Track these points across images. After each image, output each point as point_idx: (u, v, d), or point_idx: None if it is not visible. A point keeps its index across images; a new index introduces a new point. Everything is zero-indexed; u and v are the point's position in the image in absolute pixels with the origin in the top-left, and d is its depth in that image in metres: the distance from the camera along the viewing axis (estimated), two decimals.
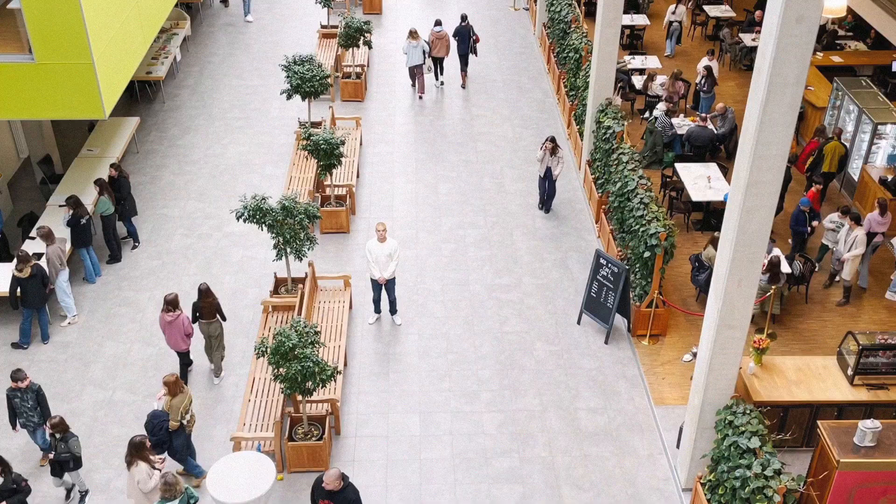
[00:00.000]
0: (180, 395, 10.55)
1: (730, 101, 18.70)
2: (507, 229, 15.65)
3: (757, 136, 8.67)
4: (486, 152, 17.93)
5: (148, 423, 10.58)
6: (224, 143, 18.02)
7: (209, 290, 12.12)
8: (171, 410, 10.55)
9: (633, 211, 13.35)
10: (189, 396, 10.67)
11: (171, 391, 10.55)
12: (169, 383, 10.52)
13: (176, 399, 10.53)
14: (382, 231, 12.75)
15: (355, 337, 13.29)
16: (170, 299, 11.69)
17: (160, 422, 10.53)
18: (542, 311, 13.80)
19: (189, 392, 10.72)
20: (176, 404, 10.53)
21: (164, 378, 10.57)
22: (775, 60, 8.28)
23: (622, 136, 14.90)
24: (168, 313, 11.84)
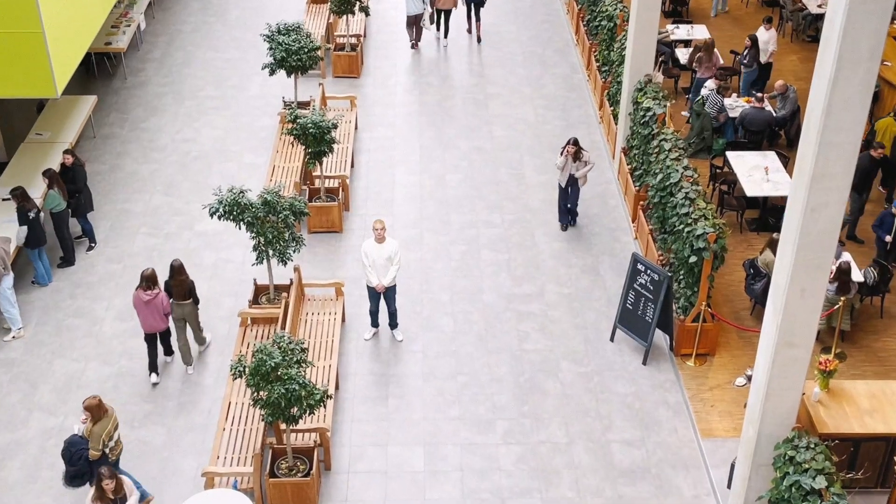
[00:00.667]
0: (103, 421, 10.56)
1: (791, 79, 18.65)
2: (528, 229, 15.64)
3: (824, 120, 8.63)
4: (503, 138, 17.93)
5: (65, 452, 10.59)
6: (196, 127, 18.06)
7: (182, 268, 12.51)
8: (91, 438, 10.55)
9: (676, 208, 13.33)
10: (114, 421, 10.69)
11: (93, 416, 10.56)
12: (91, 407, 10.51)
13: (98, 426, 10.54)
14: (381, 230, 12.76)
15: (349, 355, 13.30)
16: (148, 275, 12.19)
17: (79, 450, 10.53)
18: (569, 326, 13.79)
19: (114, 416, 10.74)
20: (97, 431, 10.53)
21: (86, 402, 10.57)
22: (846, 31, 8.23)
23: (664, 120, 14.89)
24: (146, 291, 12.25)
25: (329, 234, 15.47)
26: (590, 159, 14.90)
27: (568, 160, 14.70)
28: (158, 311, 12.39)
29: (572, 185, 14.95)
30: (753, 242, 15.13)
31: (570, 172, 14.76)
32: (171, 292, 12.56)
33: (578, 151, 14.72)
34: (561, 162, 14.79)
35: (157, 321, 12.47)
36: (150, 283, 12.25)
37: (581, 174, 14.79)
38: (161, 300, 12.36)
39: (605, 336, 13.60)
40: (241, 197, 12.41)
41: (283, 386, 10.25)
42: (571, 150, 14.65)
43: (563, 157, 14.74)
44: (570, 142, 14.73)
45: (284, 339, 10.53)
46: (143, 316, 12.41)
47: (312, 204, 15.20)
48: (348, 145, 16.87)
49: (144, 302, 12.31)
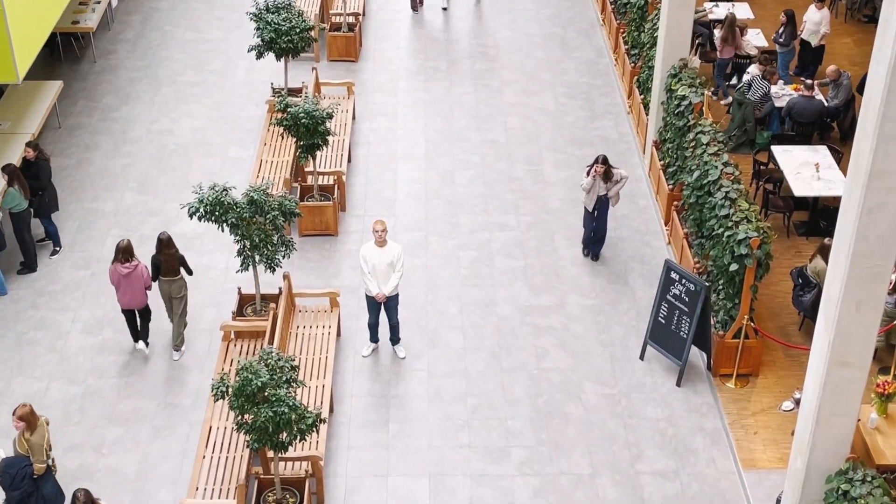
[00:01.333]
0: (39, 429, 10.55)
1: (845, 64, 18.62)
2: (547, 232, 15.64)
3: (883, 110, 8.61)
4: (519, 130, 17.93)
5: (3, 477, 10.55)
6: (174, 116, 18.09)
7: (171, 241, 12.88)
8: (32, 449, 10.53)
9: (715, 209, 13.32)
10: (48, 429, 10.66)
11: (29, 425, 10.54)
12: (26, 415, 10.48)
13: (35, 435, 10.52)
14: (382, 232, 12.78)
15: (345, 374, 13.30)
16: (124, 246, 12.67)
17: (21, 469, 10.49)
18: (593, 342, 13.77)
19: (45, 424, 10.71)
20: (37, 441, 10.51)
21: (18, 411, 10.52)
22: None
23: (701, 109, 14.87)
24: (123, 264, 12.61)
25: (323, 237, 15.48)
26: (622, 175, 14.32)
27: (596, 181, 14.17)
28: (139, 283, 12.75)
29: (601, 208, 14.43)
30: (802, 248, 15.10)
31: (600, 194, 14.25)
32: (160, 268, 12.87)
33: (609, 171, 14.14)
34: (587, 184, 14.20)
35: (135, 296, 12.83)
36: (126, 254, 12.64)
37: (614, 192, 14.32)
38: (141, 272, 12.76)
39: (633, 354, 13.58)
40: (224, 195, 12.41)
41: (270, 408, 10.24)
42: (600, 170, 14.07)
43: (591, 177, 14.13)
44: (598, 161, 14.11)
45: (272, 355, 10.54)
46: (122, 291, 12.76)
47: (304, 203, 15.21)
48: (345, 137, 16.87)
49: (123, 276, 12.64)
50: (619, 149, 17.36)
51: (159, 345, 13.60)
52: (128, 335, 13.55)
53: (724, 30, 17.93)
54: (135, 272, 12.75)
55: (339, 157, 16.47)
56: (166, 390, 13.02)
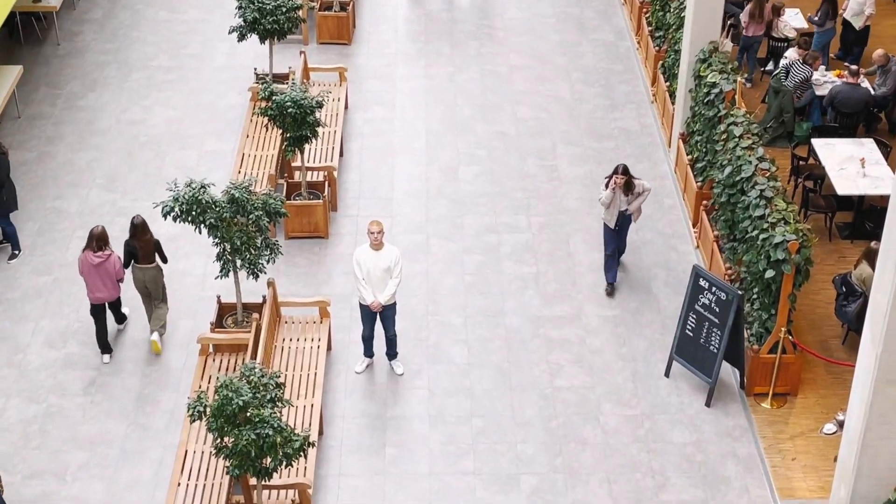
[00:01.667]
0: None
1: (894, 48, 18.59)
2: (562, 234, 15.63)
3: None
4: (530, 120, 17.92)
5: None
6: (146, 105, 18.08)
7: (145, 225, 13.16)
8: None
9: (749, 209, 13.31)
10: None
11: None
12: None
13: None
14: (377, 234, 12.78)
15: (336, 392, 13.29)
16: (98, 233, 12.97)
17: None
18: (613, 357, 13.76)
19: None
20: None
21: None
22: None
23: (733, 98, 14.86)
24: (95, 253, 12.83)
25: (312, 239, 15.47)
26: (644, 186, 14.14)
27: (617, 194, 13.94)
28: (110, 276, 12.93)
29: (623, 224, 14.24)
30: (846, 253, 15.08)
31: (621, 209, 14.04)
32: (135, 255, 13.10)
33: (630, 182, 13.92)
34: (607, 197, 13.94)
35: (107, 289, 13.02)
36: (100, 242, 12.84)
37: (635, 207, 14.17)
38: (113, 263, 12.96)
39: (658, 370, 13.56)
40: (202, 193, 12.40)
41: (253, 430, 10.23)
42: (620, 181, 13.83)
43: (610, 189, 13.90)
44: (617, 170, 13.89)
45: (255, 371, 10.53)
46: (91, 283, 12.94)
47: (291, 202, 15.20)
48: (336, 129, 16.87)
49: (94, 265, 12.81)
50: (642, 142, 17.35)
51: (129, 359, 13.60)
52: (94, 349, 13.56)
53: (751, 4, 17.90)
54: (107, 262, 12.93)
55: (329, 151, 16.45)
56: (137, 410, 12.99)
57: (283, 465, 10.51)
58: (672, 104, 16.92)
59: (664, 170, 16.78)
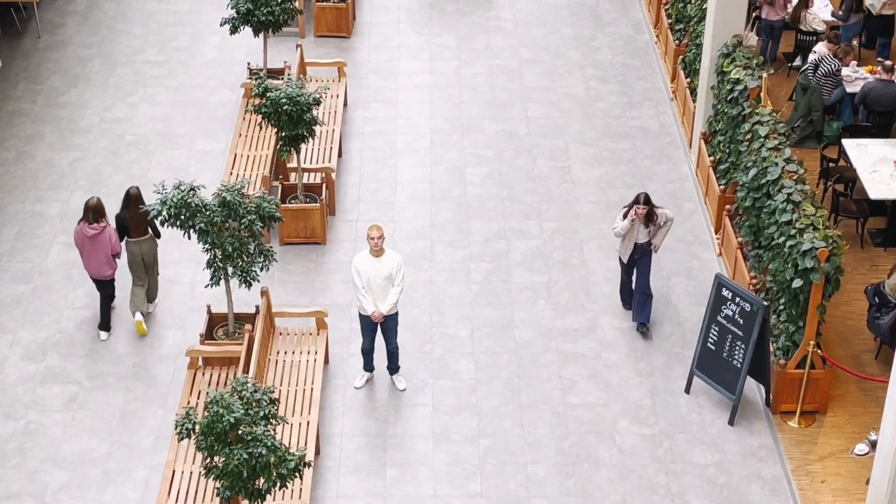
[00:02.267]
0: None
1: None
2: (576, 241, 15.62)
3: None
4: (542, 119, 17.93)
5: None
6: (132, 102, 18.11)
7: (140, 197, 13.57)
8: None
9: (775, 214, 13.30)
10: None
11: None
12: None
13: None
14: (378, 239, 12.78)
15: (334, 409, 13.28)
16: (93, 205, 13.43)
17: None
18: (630, 372, 13.74)
19: None
20: None
21: None
22: None
23: (759, 95, 14.85)
24: (90, 225, 13.30)
25: (308, 245, 15.48)
26: (667, 216, 13.69)
27: (637, 225, 13.56)
28: (105, 250, 13.36)
29: (642, 258, 13.86)
30: (879, 261, 15.06)
31: (638, 241, 13.66)
32: (127, 228, 13.55)
33: (651, 213, 13.50)
34: (623, 227, 13.55)
35: (101, 264, 13.45)
36: (96, 214, 13.30)
37: (659, 241, 13.79)
38: (108, 236, 13.45)
39: (678, 386, 13.55)
40: (191, 196, 12.41)
41: (245, 449, 10.21)
42: (642, 212, 13.38)
43: (628, 220, 13.49)
44: (638, 200, 13.39)
45: (248, 386, 10.51)
46: (87, 256, 13.43)
47: (287, 206, 15.21)
48: (335, 128, 16.88)
49: (89, 237, 13.26)
50: (661, 142, 17.36)
51: (112, 373, 13.61)
52: (76, 362, 13.61)
53: None
54: (101, 235, 13.34)
55: (327, 151, 16.47)
56: (121, 428, 12.99)
57: (276, 487, 10.47)
58: (693, 102, 16.91)
59: (685, 172, 16.79)
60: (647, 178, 16.63)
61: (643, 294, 14.07)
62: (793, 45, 18.66)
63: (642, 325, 14.18)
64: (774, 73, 18.15)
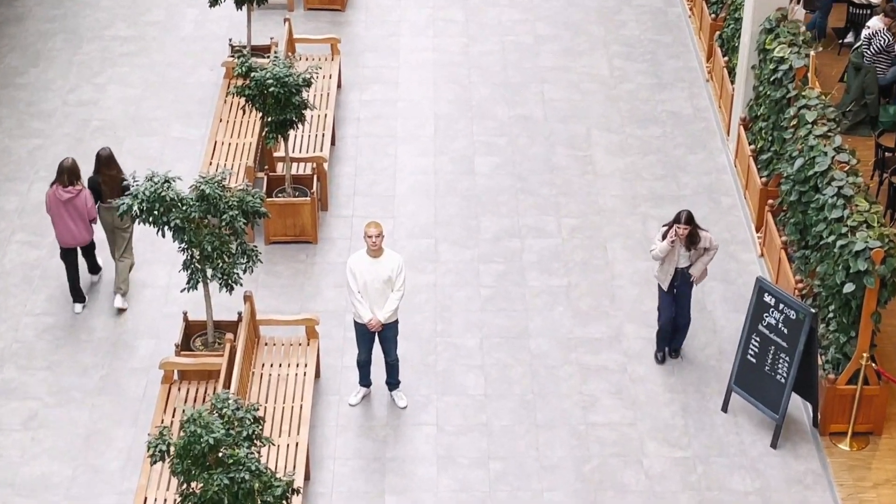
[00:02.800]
0: None
1: None
2: (598, 240, 15.69)
3: None
4: (560, 102, 17.96)
5: None
6: (99, 83, 18.15)
7: (113, 158, 13.97)
8: None
9: (824, 210, 13.30)
10: None
11: None
12: None
13: None
14: (376, 238, 12.78)
15: (325, 428, 13.31)
16: (68, 166, 13.80)
17: None
18: (659, 388, 13.79)
19: None
20: None
21: None
22: None
23: (805, 76, 14.87)
24: (65, 188, 13.61)
25: (297, 244, 15.54)
26: (711, 242, 13.54)
27: (676, 248, 13.42)
28: (81, 215, 13.68)
29: (681, 286, 13.68)
30: None
31: (679, 266, 13.51)
32: (100, 191, 13.82)
33: (694, 234, 13.33)
34: (662, 249, 13.35)
35: (78, 230, 13.80)
36: (71, 176, 13.59)
37: (699, 270, 13.59)
38: (84, 200, 13.80)
39: (714, 404, 13.57)
40: (165, 189, 12.44)
41: (226, 474, 10.17)
42: (683, 232, 13.17)
43: (668, 240, 13.27)
44: (679, 219, 13.20)
45: (229, 403, 10.50)
46: (59, 223, 13.74)
47: (273, 200, 15.25)
48: (327, 112, 16.93)
49: (63, 202, 13.56)
50: (695, 128, 17.42)
51: (77, 387, 13.61)
52: (36, 375, 13.65)
53: None
54: (77, 199, 13.66)
55: (319, 139, 16.51)
56: (87, 449, 12.98)
57: None
58: (731, 83, 16.92)
59: (721, 162, 16.82)
60: (679, 170, 16.67)
61: (685, 327, 13.99)
62: (844, 20, 18.61)
63: (674, 352, 14.13)
64: (823, 50, 18.06)
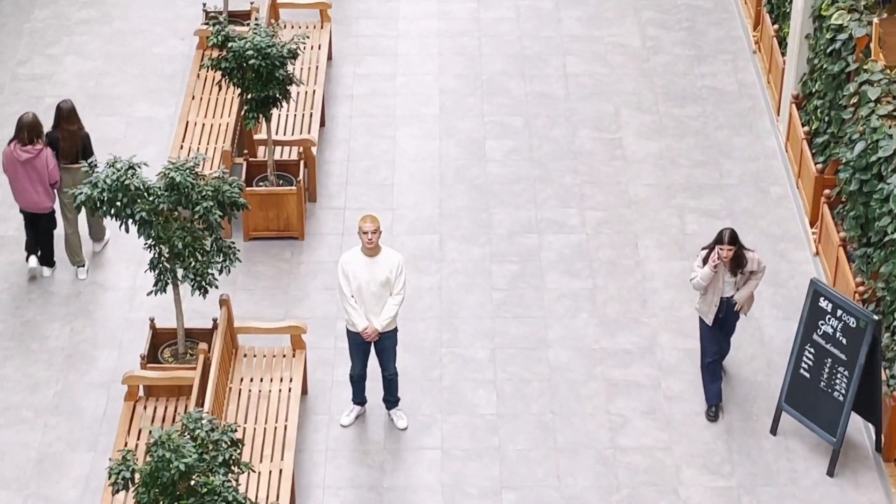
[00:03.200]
0: None
1: None
2: (628, 235, 15.69)
3: None
4: (584, 77, 17.99)
5: None
6: (53, 55, 18.20)
7: (75, 112, 14.40)
8: None
9: (889, 201, 13.31)
10: None
11: None
12: None
13: None
14: (373, 234, 12.74)
15: (314, 452, 13.31)
16: (28, 121, 14.23)
17: None
18: (698, 407, 13.75)
19: None
20: None
21: None
22: None
23: (868, 47, 14.89)
24: (24, 147, 14.01)
25: (282, 241, 15.56)
26: (759, 263, 13.48)
27: (720, 274, 13.37)
28: (41, 177, 13.99)
29: (728, 314, 13.65)
30: None
31: (724, 296, 13.49)
32: (58, 149, 14.23)
33: (740, 256, 13.29)
34: (704, 277, 13.29)
35: (38, 194, 14.08)
36: (32, 133, 13.96)
37: (744, 296, 13.54)
38: (45, 160, 14.16)
39: (762, 425, 13.55)
40: (129, 176, 12.40)
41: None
42: (727, 254, 13.12)
43: (709, 266, 13.22)
44: (722, 239, 13.12)
45: (203, 423, 10.48)
46: (18, 185, 14.10)
47: (254, 189, 15.28)
48: (316, 88, 16.96)
49: (21, 162, 13.89)
50: (740, 107, 17.41)
51: (28, 405, 13.62)
52: None
53: None
54: (37, 159, 13.96)
55: (306, 119, 16.53)
56: (39, 476, 13.00)
57: None
58: (782, 55, 16.95)
59: (771, 146, 16.83)
60: (722, 155, 16.71)
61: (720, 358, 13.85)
62: None
63: (712, 408, 13.75)
64: (889, 17, 18.09)
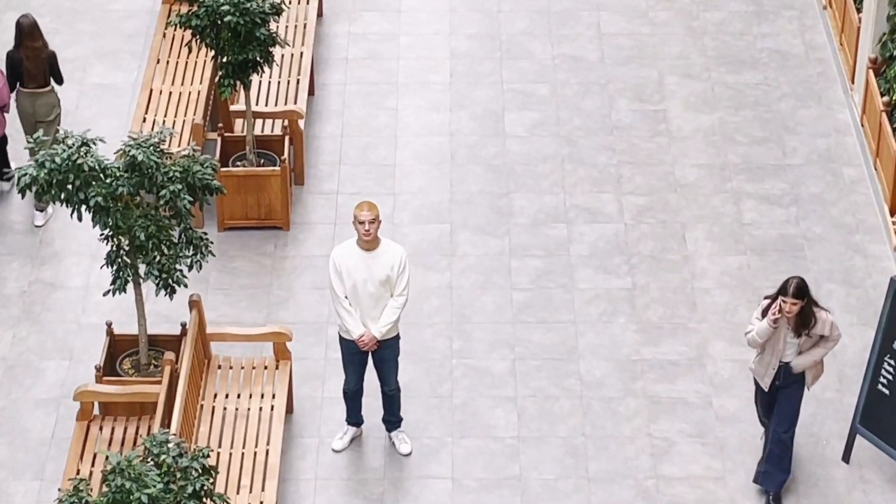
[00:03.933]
0: None
1: None
2: (674, 226, 15.80)
3: None
4: (623, 38, 18.10)
5: None
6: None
7: (37, 28, 14.77)
8: None
9: None
10: None
11: None
12: None
13: None
14: (370, 223, 12.79)
15: (300, 482, 13.39)
16: None
17: None
18: (756, 429, 13.80)
19: None
20: None
21: None
22: None
23: None
24: None
25: (263, 231, 15.67)
26: (832, 326, 13.01)
27: (782, 331, 13.04)
28: None
29: (788, 383, 13.20)
30: None
31: (784, 359, 13.16)
32: (21, 72, 14.62)
33: (808, 313, 12.97)
34: (762, 332, 12.88)
35: None
36: None
37: (805, 364, 13.05)
38: None
39: (832, 450, 13.62)
40: (83, 154, 12.43)
41: None
42: (791, 309, 12.74)
43: (767, 322, 12.85)
44: (787, 290, 12.64)
45: (169, 448, 10.55)
46: None
47: (230, 170, 15.36)
48: (303, 51, 17.05)
49: None
50: (807, 73, 17.50)
51: None
52: None
53: None
54: None
55: (292, 87, 16.63)
56: None
57: None
58: (857, 13, 16.96)
59: (843, 120, 16.90)
60: (786, 130, 16.76)
61: (779, 443, 13.37)
62: None
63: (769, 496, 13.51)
64: None
